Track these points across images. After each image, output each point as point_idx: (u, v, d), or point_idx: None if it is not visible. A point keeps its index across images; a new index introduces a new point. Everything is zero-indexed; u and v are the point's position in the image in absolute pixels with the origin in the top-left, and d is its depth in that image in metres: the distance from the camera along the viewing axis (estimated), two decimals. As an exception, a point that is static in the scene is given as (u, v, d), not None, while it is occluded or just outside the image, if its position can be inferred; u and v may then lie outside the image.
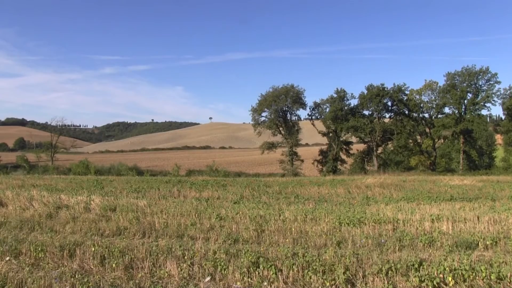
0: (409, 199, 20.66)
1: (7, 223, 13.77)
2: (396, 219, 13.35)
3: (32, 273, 8.00)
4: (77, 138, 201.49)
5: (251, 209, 16.01)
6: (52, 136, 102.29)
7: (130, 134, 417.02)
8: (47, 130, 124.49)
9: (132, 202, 17.47)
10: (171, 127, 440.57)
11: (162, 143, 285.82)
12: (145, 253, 9.06)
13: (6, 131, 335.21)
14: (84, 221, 13.85)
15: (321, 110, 67.19)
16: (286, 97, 64.47)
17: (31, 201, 17.90)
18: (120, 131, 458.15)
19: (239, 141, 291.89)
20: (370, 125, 61.74)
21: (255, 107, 66.42)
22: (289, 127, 65.85)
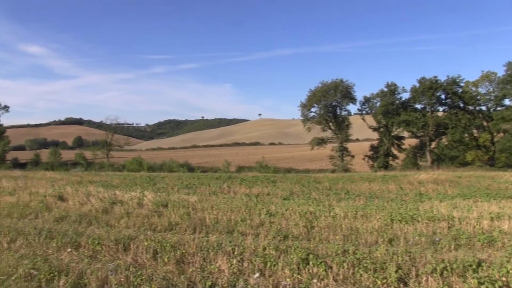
0: (465, 196, 19.94)
1: (67, 217, 14.41)
2: (451, 216, 12.84)
3: (91, 265, 8.32)
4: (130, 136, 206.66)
5: (301, 205, 15.90)
6: (107, 135, 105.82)
7: (181, 132, 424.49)
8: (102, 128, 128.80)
9: (183, 198, 17.74)
10: (221, 124, 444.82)
11: (212, 140, 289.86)
12: (196, 248, 9.19)
13: (66, 130, 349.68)
14: (138, 216, 14.21)
15: (371, 105, 65.80)
16: (335, 92, 63.53)
17: (88, 196, 18.51)
18: (171, 128, 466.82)
19: (288, 137, 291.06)
20: (422, 119, 59.85)
21: (304, 103, 65.85)
22: (338, 122, 64.91)
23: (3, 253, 9.58)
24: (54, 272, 7.72)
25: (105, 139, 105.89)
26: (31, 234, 11.01)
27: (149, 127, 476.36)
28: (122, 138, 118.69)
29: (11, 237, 10.90)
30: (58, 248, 9.81)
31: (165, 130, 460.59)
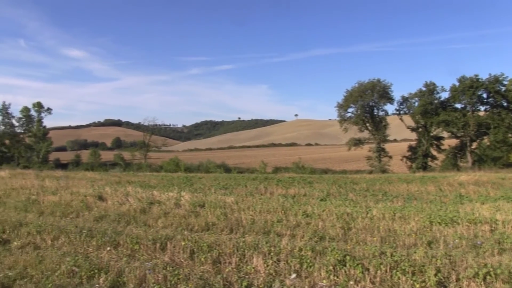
0: (509, 199, 19.21)
1: (107, 216, 14.76)
2: (494, 219, 12.42)
3: (129, 263, 8.50)
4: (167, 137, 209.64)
5: (338, 206, 15.76)
6: (145, 136, 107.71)
7: (217, 133, 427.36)
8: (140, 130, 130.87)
9: (220, 199, 17.85)
10: (257, 125, 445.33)
11: (248, 141, 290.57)
12: (232, 248, 9.24)
13: (105, 131, 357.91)
14: (175, 217, 14.39)
15: (409, 105, 64.40)
16: (372, 92, 62.60)
17: (127, 196, 18.86)
18: (208, 129, 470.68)
19: (325, 137, 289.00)
20: (463, 119, 58.15)
21: (341, 103, 65.20)
22: (376, 123, 63.97)
23: (47, 250, 9.91)
24: (94, 270, 7.92)
25: (143, 140, 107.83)
26: (72, 232, 11.34)
27: (186, 128, 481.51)
28: (159, 139, 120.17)
29: (54, 234, 11.24)
30: (98, 247, 10.05)
31: (202, 131, 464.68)
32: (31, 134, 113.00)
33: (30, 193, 20.88)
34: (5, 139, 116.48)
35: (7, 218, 13.94)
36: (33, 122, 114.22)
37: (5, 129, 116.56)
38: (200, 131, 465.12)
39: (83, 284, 7.42)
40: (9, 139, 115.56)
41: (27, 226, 12.36)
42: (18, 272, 7.95)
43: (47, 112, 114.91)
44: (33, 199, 19.00)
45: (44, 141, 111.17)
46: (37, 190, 22.28)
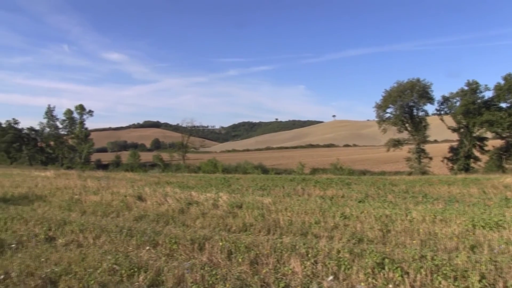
0: (559, 202, 18.51)
1: (146, 216, 15.03)
2: (544, 224, 11.99)
3: (168, 263, 8.63)
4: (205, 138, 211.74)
5: (376, 208, 15.54)
6: (183, 137, 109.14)
7: (255, 134, 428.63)
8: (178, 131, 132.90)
9: (257, 200, 17.88)
10: (295, 126, 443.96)
11: (286, 142, 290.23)
12: (269, 249, 9.24)
13: (144, 133, 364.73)
14: (213, 217, 14.50)
15: (450, 105, 62.70)
16: (411, 92, 61.28)
17: (165, 197, 19.13)
18: (246, 130, 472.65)
19: (363, 138, 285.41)
20: (508, 119, 56.10)
21: (379, 103, 64.19)
22: (415, 123, 62.63)
23: (90, 248, 10.17)
24: (134, 268, 8.07)
25: (181, 141, 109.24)
26: (113, 231, 11.61)
27: (224, 129, 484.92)
28: (197, 140, 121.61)
29: (95, 233, 11.52)
30: (137, 246, 10.24)
31: (240, 132, 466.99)
32: (74, 136, 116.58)
33: (73, 193, 21.48)
34: (50, 140, 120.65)
35: (52, 217, 14.45)
36: (75, 124, 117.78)
37: (50, 131, 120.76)
38: (237, 132, 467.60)
39: (123, 282, 7.58)
40: (54, 140, 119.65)
41: (70, 224, 12.73)
42: (63, 268, 8.20)
43: (88, 114, 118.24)
44: (76, 199, 19.54)
45: (86, 143, 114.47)
46: (80, 190, 22.91)
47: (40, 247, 10.08)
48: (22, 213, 14.98)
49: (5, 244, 10.32)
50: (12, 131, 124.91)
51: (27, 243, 10.62)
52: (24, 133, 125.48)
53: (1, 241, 10.59)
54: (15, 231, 12.06)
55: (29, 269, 8.14)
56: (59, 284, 7.42)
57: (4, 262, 8.69)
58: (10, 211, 15.81)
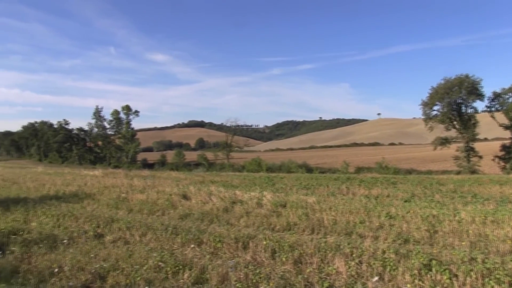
0: None
1: (191, 215, 15.24)
2: None
3: (212, 261, 8.73)
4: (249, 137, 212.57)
5: (423, 208, 15.16)
6: (227, 136, 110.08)
7: (299, 132, 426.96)
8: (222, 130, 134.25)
9: (301, 199, 17.80)
10: (339, 124, 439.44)
11: (330, 141, 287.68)
12: (313, 249, 9.19)
13: (189, 132, 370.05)
14: (257, 216, 14.55)
15: (502, 101, 60.13)
16: (460, 88, 59.18)
17: (210, 196, 19.33)
18: (289, 129, 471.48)
19: (409, 137, 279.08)
20: None
21: (426, 101, 62.35)
22: (464, 121, 60.53)
23: (136, 245, 10.41)
24: (179, 266, 8.21)
25: (225, 140, 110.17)
26: (158, 229, 11.85)
27: (268, 128, 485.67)
28: (241, 140, 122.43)
29: (142, 231, 11.78)
30: (182, 244, 10.40)
31: (283, 131, 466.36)
32: (120, 136, 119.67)
33: (120, 192, 22.05)
34: (98, 140, 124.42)
35: (100, 214, 14.90)
36: (122, 124, 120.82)
37: (98, 131, 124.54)
38: (281, 131, 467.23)
39: (168, 279, 7.71)
40: (102, 140, 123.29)
41: (118, 222, 13.09)
42: (111, 264, 8.44)
43: (134, 115, 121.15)
44: (123, 197, 20.05)
45: (132, 142, 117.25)
46: (127, 188, 23.50)
47: (90, 243, 10.42)
48: (72, 211, 15.54)
49: (58, 239, 10.74)
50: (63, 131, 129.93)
51: (77, 239, 11.00)
52: (74, 134, 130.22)
53: (54, 237, 11.03)
54: (66, 228, 12.52)
55: (79, 264, 8.43)
56: (108, 280, 7.64)
57: (57, 257, 9.04)
58: (62, 208, 16.44)
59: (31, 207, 16.25)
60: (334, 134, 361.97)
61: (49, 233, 11.57)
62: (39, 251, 9.58)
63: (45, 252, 9.53)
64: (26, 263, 8.72)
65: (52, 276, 7.88)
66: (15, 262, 8.74)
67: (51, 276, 7.91)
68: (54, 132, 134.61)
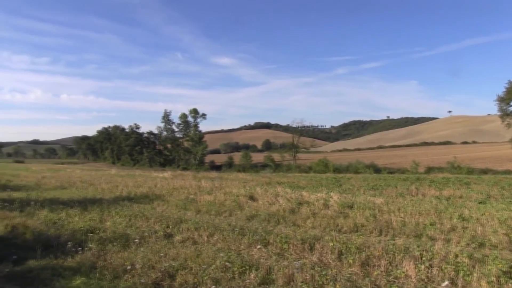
0: None
1: (257, 216, 15.36)
2: None
3: (278, 262, 8.75)
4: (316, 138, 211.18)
5: (500, 210, 14.33)
6: (293, 137, 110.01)
7: (366, 132, 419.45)
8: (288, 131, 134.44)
9: (369, 200, 17.48)
10: (407, 123, 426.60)
11: (398, 140, 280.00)
12: (381, 251, 8.99)
13: (255, 134, 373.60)
14: (323, 217, 14.42)
15: None
16: (541, 81, 55.88)
17: (276, 197, 19.38)
18: (356, 129, 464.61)
19: (483, 134, 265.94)
20: None
21: (502, 96, 59.43)
22: (546, 117, 57.08)
23: (204, 245, 10.62)
24: (245, 266, 8.28)
25: (291, 141, 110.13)
26: (226, 230, 12.03)
27: (334, 128, 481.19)
28: (307, 140, 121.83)
29: (209, 231, 12.00)
30: (249, 244, 10.48)
31: (350, 131, 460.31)
32: (188, 138, 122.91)
33: (189, 193, 22.59)
34: (167, 143, 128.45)
35: (170, 215, 15.38)
36: (190, 127, 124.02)
37: (167, 134, 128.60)
38: (348, 131, 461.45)
39: (235, 279, 7.80)
40: (171, 143, 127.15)
41: (186, 222, 13.43)
42: (180, 263, 8.66)
43: (202, 118, 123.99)
44: (191, 198, 20.52)
45: (200, 145, 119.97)
46: (195, 190, 24.04)
47: (160, 243, 10.75)
48: (143, 211, 16.15)
49: (130, 238, 11.18)
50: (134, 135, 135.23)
51: (148, 238, 11.38)
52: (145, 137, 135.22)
53: (127, 236, 11.49)
54: (138, 227, 12.99)
55: (150, 262, 8.72)
56: (177, 278, 7.84)
57: (130, 255, 9.41)
58: (134, 209, 17.10)
59: (106, 208, 17.01)
60: (403, 133, 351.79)
61: (122, 232, 12.06)
62: (113, 249, 10.02)
63: (118, 250, 9.95)
64: (102, 259, 9.14)
65: (125, 273, 8.21)
66: (92, 258, 9.20)
67: (124, 272, 8.24)
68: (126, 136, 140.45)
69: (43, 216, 14.96)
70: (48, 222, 14.06)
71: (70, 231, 12.30)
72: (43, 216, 14.97)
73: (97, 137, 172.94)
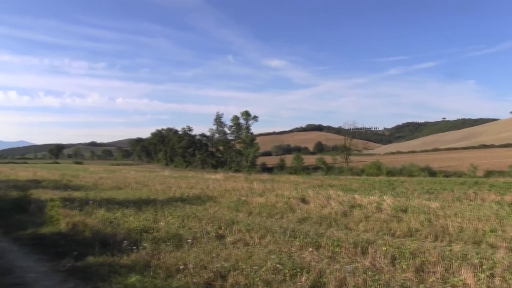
0: None
1: (309, 218, 15.28)
2: None
3: (330, 265, 8.64)
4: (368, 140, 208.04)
5: None
6: (346, 139, 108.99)
7: (420, 134, 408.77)
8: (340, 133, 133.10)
9: (423, 204, 17.00)
10: (464, 125, 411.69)
11: (455, 142, 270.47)
12: (437, 257, 8.70)
13: (307, 136, 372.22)
14: (376, 221, 14.17)
15: None
16: None
17: (328, 199, 19.21)
18: (410, 131, 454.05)
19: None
20: None
21: None
22: None
23: (255, 247, 10.65)
24: (296, 269, 8.23)
25: (343, 144, 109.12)
26: (277, 232, 12.01)
27: (387, 130, 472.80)
28: (360, 143, 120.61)
29: (261, 233, 12.02)
30: (300, 247, 10.42)
31: (404, 133, 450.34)
32: (240, 141, 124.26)
33: (240, 195, 22.75)
34: (219, 145, 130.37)
35: (222, 216, 15.56)
36: (241, 129, 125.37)
37: (219, 136, 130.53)
38: (402, 133, 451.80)
39: (286, 281, 7.76)
40: (222, 145, 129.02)
41: (238, 224, 13.52)
42: (232, 264, 8.72)
43: (253, 120, 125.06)
44: (242, 200, 20.65)
45: (252, 147, 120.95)
46: (246, 192, 24.19)
47: (211, 244, 10.86)
48: (196, 212, 16.41)
49: (183, 239, 11.37)
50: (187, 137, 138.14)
51: (200, 239, 11.52)
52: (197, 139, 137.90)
53: (180, 236, 11.70)
54: (190, 228, 13.20)
55: (202, 262, 8.82)
56: (228, 279, 7.89)
57: (182, 255, 9.56)
58: (186, 210, 17.40)
59: (159, 208, 17.36)
60: (459, 135, 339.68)
61: (175, 233, 12.28)
62: (167, 249, 10.21)
63: (172, 250, 10.13)
64: (156, 258, 9.34)
65: (178, 272, 8.35)
66: (147, 257, 9.41)
67: (177, 272, 8.38)
68: (178, 138, 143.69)
69: (101, 215, 15.43)
70: (105, 221, 14.48)
71: (125, 230, 12.62)
72: (100, 215, 15.44)
73: (151, 139, 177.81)
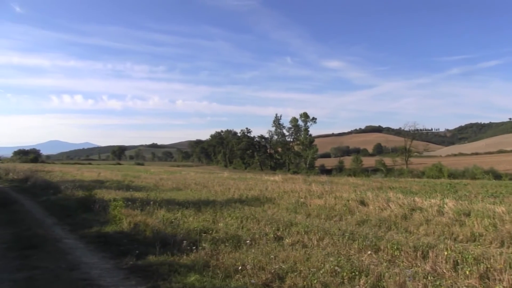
0: None
1: (368, 221, 15.17)
2: None
3: (389, 269, 8.58)
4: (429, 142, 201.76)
5: None
6: (406, 141, 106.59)
7: (484, 136, 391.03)
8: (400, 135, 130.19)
9: (488, 208, 16.33)
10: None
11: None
12: (503, 264, 8.40)
13: (366, 138, 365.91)
14: (437, 224, 13.84)
15: None
16: None
17: (388, 202, 18.87)
18: (474, 132, 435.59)
19: None
20: None
21: None
22: None
23: (313, 249, 10.70)
24: (355, 272, 8.23)
25: (403, 145, 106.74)
26: (335, 234, 12.01)
27: (449, 132, 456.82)
28: (420, 144, 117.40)
29: (319, 235, 12.05)
30: (359, 250, 10.38)
31: (467, 134, 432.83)
32: (299, 142, 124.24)
33: (299, 196, 22.74)
34: (277, 147, 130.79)
35: (280, 218, 15.68)
36: (300, 131, 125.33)
37: (277, 138, 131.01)
38: (464, 134, 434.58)
39: (344, 284, 7.79)
40: (281, 147, 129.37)
41: (296, 226, 13.61)
42: (290, 266, 8.83)
43: (312, 122, 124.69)
44: (301, 202, 20.66)
45: (310, 149, 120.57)
46: (305, 193, 24.13)
47: (270, 245, 11.00)
48: (254, 214, 16.62)
49: (241, 240, 11.57)
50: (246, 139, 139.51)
51: (258, 240, 11.69)
52: (256, 141, 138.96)
53: (238, 237, 11.91)
54: (249, 229, 13.41)
55: (260, 263, 8.98)
56: (286, 280, 8.00)
57: (241, 256, 9.76)
58: (245, 211, 17.64)
59: (218, 209, 17.68)
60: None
61: (233, 234, 12.49)
62: (225, 249, 10.42)
63: (230, 251, 10.33)
64: (215, 259, 9.56)
65: (236, 273, 8.53)
66: (206, 257, 9.66)
67: (236, 272, 8.56)
68: (237, 140, 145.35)
69: (161, 215, 15.86)
70: (165, 221, 14.88)
71: (185, 231, 12.94)
72: (161, 215, 15.87)
73: (210, 141, 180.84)
